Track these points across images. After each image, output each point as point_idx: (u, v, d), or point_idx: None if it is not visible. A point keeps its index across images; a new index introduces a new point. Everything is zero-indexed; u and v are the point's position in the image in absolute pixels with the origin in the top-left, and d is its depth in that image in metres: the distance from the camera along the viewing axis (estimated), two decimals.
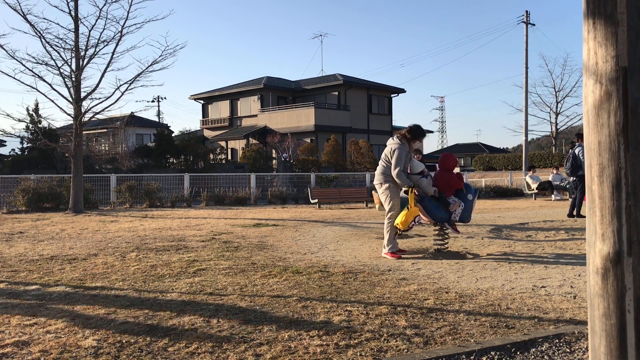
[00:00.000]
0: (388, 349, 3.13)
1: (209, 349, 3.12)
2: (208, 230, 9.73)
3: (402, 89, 39.71)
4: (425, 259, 6.35)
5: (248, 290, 4.66)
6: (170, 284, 5.02)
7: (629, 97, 1.62)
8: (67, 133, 19.57)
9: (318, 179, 21.50)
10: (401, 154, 6.37)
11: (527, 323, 3.63)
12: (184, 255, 6.67)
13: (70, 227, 10.40)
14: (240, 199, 18.02)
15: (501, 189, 23.49)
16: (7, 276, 5.47)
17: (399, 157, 6.36)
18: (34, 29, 13.75)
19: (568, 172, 11.42)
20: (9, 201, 15.07)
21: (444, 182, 6.69)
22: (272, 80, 37.92)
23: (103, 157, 25.08)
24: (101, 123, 27.98)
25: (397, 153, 6.38)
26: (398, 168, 6.33)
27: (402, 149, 6.41)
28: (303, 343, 3.22)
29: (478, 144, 65.13)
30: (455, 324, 3.60)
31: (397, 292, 4.56)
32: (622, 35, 1.62)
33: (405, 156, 6.43)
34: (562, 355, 3.02)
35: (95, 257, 6.63)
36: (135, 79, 14.77)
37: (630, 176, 1.62)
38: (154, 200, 16.82)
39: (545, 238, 8.08)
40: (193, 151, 27.46)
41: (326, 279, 5.14)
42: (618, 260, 1.64)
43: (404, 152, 6.41)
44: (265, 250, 7.18)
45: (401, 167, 6.34)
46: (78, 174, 14.31)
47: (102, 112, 15.16)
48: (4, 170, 22.05)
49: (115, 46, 14.63)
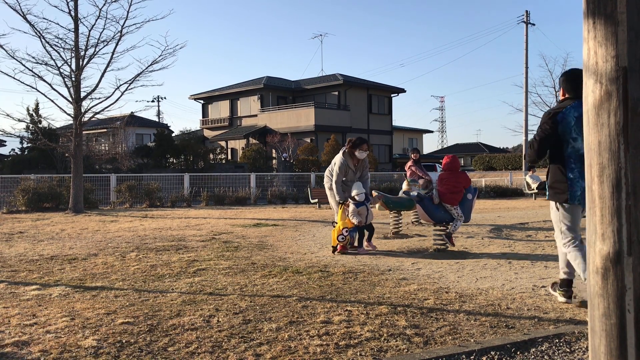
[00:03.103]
0: (388, 349, 3.13)
1: (209, 349, 3.12)
2: (208, 230, 9.73)
3: (402, 89, 39.72)
4: (425, 258, 6.35)
5: (248, 290, 4.66)
6: (170, 284, 5.02)
7: (629, 97, 1.62)
8: (67, 133, 19.60)
9: (318, 178, 21.48)
10: (340, 168, 7.02)
11: (527, 323, 3.63)
12: (184, 255, 6.67)
13: (70, 227, 10.40)
14: (240, 199, 18.02)
15: (501, 189, 23.50)
16: (7, 276, 5.47)
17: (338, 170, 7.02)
18: (33, 29, 13.77)
19: None
20: (9, 201, 15.07)
21: (452, 183, 6.71)
22: (272, 80, 37.91)
23: (103, 157, 25.11)
24: (101, 123, 28.02)
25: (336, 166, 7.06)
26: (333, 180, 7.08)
27: (342, 163, 7.03)
28: (303, 343, 3.22)
29: (478, 143, 65.11)
30: (455, 324, 3.60)
31: (397, 292, 4.56)
32: (622, 35, 1.62)
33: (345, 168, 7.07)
34: (562, 355, 3.02)
35: (95, 257, 6.63)
36: (135, 78, 14.78)
37: (630, 176, 1.62)
38: (154, 200, 16.81)
39: (545, 238, 8.08)
40: (193, 151, 27.47)
41: (326, 278, 5.14)
42: (618, 260, 1.64)
43: (342, 166, 7.05)
44: (265, 250, 7.18)
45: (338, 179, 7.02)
46: (78, 174, 14.30)
47: (102, 112, 15.16)
48: (4, 170, 22.05)
49: (115, 46, 14.65)
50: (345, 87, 35.83)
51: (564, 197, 3.97)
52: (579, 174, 3.87)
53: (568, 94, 4.04)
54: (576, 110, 3.86)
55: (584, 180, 3.93)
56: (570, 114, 3.90)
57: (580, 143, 3.84)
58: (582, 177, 3.75)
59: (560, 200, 4.01)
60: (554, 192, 4.05)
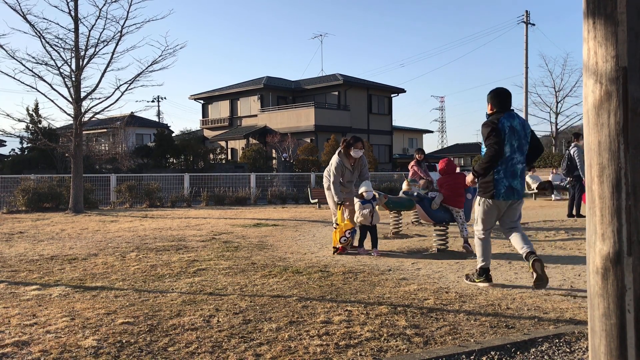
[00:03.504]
0: (388, 349, 3.13)
1: (209, 349, 3.12)
2: (208, 230, 9.73)
3: (402, 89, 39.71)
4: (425, 258, 6.35)
5: (248, 290, 4.66)
6: (170, 284, 5.02)
7: (629, 97, 1.62)
8: (67, 133, 19.60)
9: (318, 179, 21.48)
10: (336, 168, 6.97)
11: (527, 323, 3.63)
12: (184, 255, 6.67)
13: (70, 227, 10.40)
14: (240, 199, 18.02)
15: None
16: (7, 276, 5.47)
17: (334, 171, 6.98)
18: (33, 29, 13.77)
19: (564, 173, 11.44)
20: (9, 201, 15.07)
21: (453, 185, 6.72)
22: (272, 80, 37.91)
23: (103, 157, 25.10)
24: (101, 123, 28.00)
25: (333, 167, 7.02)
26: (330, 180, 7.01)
27: (337, 164, 6.98)
28: (303, 343, 3.22)
29: (478, 144, 65.04)
30: (455, 324, 3.60)
31: (397, 292, 4.56)
32: (622, 35, 1.62)
33: (341, 168, 7.02)
34: (562, 355, 3.02)
35: (95, 257, 6.63)
36: (135, 78, 14.78)
37: (630, 176, 1.62)
38: (154, 200, 16.81)
39: (545, 238, 8.08)
40: (193, 151, 27.46)
41: (326, 279, 5.15)
42: (618, 260, 1.64)
43: (339, 166, 7.00)
44: (265, 250, 7.18)
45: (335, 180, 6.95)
46: (78, 174, 14.30)
47: (102, 112, 15.16)
48: (4, 170, 22.05)
49: (115, 46, 14.65)
50: (345, 87, 35.83)
51: (490, 194, 4.66)
52: (504, 174, 4.62)
53: (495, 108, 4.73)
54: (508, 120, 4.61)
55: (507, 179, 4.50)
56: (505, 123, 4.59)
57: (506, 148, 4.58)
58: (506, 177, 4.61)
59: (487, 196, 4.70)
60: (483, 190, 4.75)
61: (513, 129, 4.59)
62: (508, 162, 4.61)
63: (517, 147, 4.62)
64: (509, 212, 4.79)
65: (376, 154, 34.19)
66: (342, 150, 7.05)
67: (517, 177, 4.66)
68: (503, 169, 4.62)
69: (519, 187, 4.69)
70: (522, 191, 4.78)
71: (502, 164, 4.61)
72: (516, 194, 4.68)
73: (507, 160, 4.61)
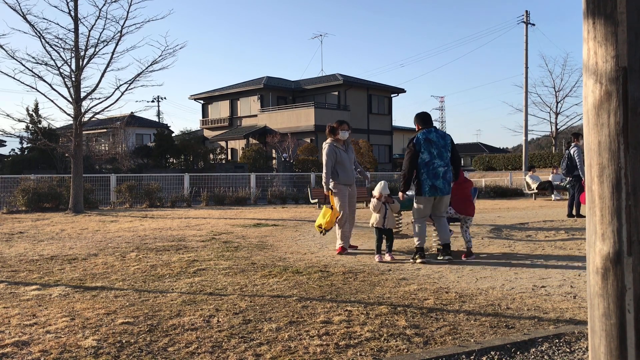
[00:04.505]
0: (388, 349, 3.13)
1: (209, 349, 3.12)
2: (208, 230, 9.73)
3: (402, 89, 39.71)
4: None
5: (248, 290, 4.67)
6: (170, 284, 5.02)
7: (629, 97, 1.62)
8: (67, 133, 19.60)
9: (318, 179, 21.48)
10: (328, 154, 6.88)
11: (527, 323, 3.63)
12: (184, 255, 6.67)
13: (70, 227, 10.40)
14: (240, 199, 18.02)
15: (501, 189, 23.46)
16: (7, 276, 5.47)
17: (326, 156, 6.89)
18: (33, 29, 13.75)
19: (563, 172, 11.47)
20: (9, 201, 15.06)
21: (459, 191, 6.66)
22: (272, 80, 37.91)
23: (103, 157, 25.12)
24: (101, 123, 28.02)
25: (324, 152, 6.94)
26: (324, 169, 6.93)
27: (329, 148, 6.91)
28: (303, 343, 3.22)
29: (478, 144, 65.10)
30: (455, 324, 3.60)
31: (397, 292, 4.56)
32: (622, 35, 1.62)
33: (333, 152, 6.90)
34: (562, 355, 3.02)
35: (95, 257, 6.63)
36: (135, 79, 14.77)
37: (630, 176, 1.62)
38: (154, 200, 16.81)
39: (545, 238, 8.08)
40: (193, 151, 27.48)
41: (326, 279, 5.15)
42: (618, 260, 1.64)
43: (330, 151, 6.90)
44: (265, 250, 7.18)
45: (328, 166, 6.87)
46: (78, 174, 14.30)
47: (102, 112, 15.15)
48: (4, 170, 22.05)
49: (115, 46, 14.62)
50: (345, 87, 35.83)
51: (420, 191, 6.08)
52: (427, 176, 5.97)
53: (420, 126, 6.25)
54: (423, 135, 6.07)
55: (430, 180, 5.56)
56: (421, 137, 6.07)
57: (425, 155, 5.99)
58: (429, 178, 5.95)
59: (418, 193, 6.13)
60: (415, 189, 6.18)
61: (429, 140, 6.01)
62: (429, 166, 5.96)
63: (437, 154, 5.98)
64: (437, 205, 6.12)
65: (376, 154, 34.19)
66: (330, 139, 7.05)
67: (439, 178, 5.95)
68: (426, 171, 5.97)
69: (441, 185, 5.96)
70: (446, 189, 6.00)
71: (424, 167, 5.98)
72: (439, 191, 5.97)
73: (429, 164, 5.96)
